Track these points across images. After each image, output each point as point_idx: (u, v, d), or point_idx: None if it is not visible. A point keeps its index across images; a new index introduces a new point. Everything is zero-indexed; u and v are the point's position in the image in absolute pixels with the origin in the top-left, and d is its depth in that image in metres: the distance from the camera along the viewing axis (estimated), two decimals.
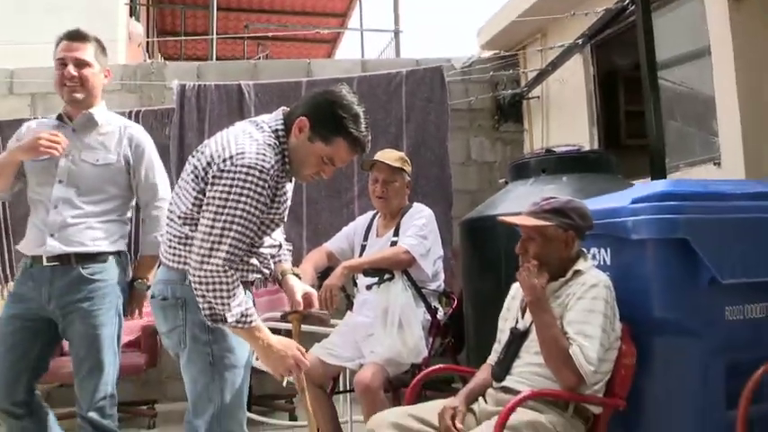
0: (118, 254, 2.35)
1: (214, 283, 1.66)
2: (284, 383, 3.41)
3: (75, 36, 2.32)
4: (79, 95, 2.31)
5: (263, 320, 1.86)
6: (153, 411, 4.06)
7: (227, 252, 1.66)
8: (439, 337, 2.94)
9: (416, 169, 3.11)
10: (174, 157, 3.73)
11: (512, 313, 2.18)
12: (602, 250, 2.24)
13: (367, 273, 2.75)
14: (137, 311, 2.48)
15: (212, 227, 1.67)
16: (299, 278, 2.08)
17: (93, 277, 2.25)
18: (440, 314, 2.94)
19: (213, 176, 1.69)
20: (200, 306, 1.69)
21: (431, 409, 2.02)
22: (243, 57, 8.32)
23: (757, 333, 2.10)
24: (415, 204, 3.04)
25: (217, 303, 1.67)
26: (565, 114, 4.61)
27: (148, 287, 2.43)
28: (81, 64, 2.30)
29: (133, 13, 7.15)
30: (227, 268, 1.67)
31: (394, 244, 2.89)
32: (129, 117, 3.94)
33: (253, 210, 1.68)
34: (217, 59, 6.34)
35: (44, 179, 2.28)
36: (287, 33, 8.31)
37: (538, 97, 4.82)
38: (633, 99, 4.88)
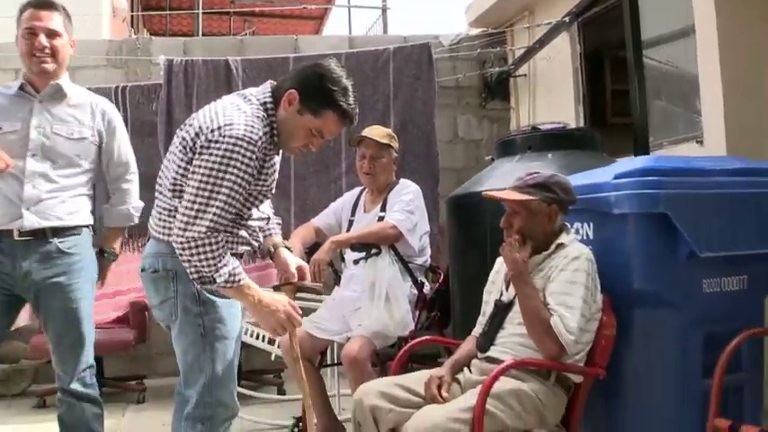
0: (90, 227, 2.37)
1: (197, 246, 1.66)
2: (273, 357, 3.49)
3: (44, 4, 2.25)
4: (50, 66, 2.25)
5: None
6: (142, 386, 4.10)
7: (211, 220, 1.67)
8: (425, 310, 2.99)
9: (403, 146, 3.13)
10: (161, 132, 3.73)
11: (496, 286, 2.23)
12: (585, 225, 2.29)
13: (354, 247, 2.79)
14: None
15: (197, 195, 1.67)
16: (291, 251, 2.10)
17: (70, 251, 2.26)
18: (426, 288, 2.98)
19: (201, 146, 1.70)
20: (188, 271, 1.70)
21: (417, 378, 2.07)
22: (229, 33, 8.25)
23: (733, 305, 2.17)
24: (402, 180, 3.07)
25: (203, 267, 1.68)
26: (551, 92, 4.64)
27: (116, 257, 2.52)
28: (52, 34, 2.24)
29: None
30: (209, 234, 1.67)
31: (381, 219, 2.92)
32: (116, 93, 3.94)
33: (239, 180, 1.69)
34: (203, 36, 6.29)
35: (15, 152, 2.22)
36: (273, 9, 8.23)
37: (525, 75, 4.84)
38: (619, 78, 4.91)
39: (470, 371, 2.11)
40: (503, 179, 3.21)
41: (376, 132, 2.98)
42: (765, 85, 3.29)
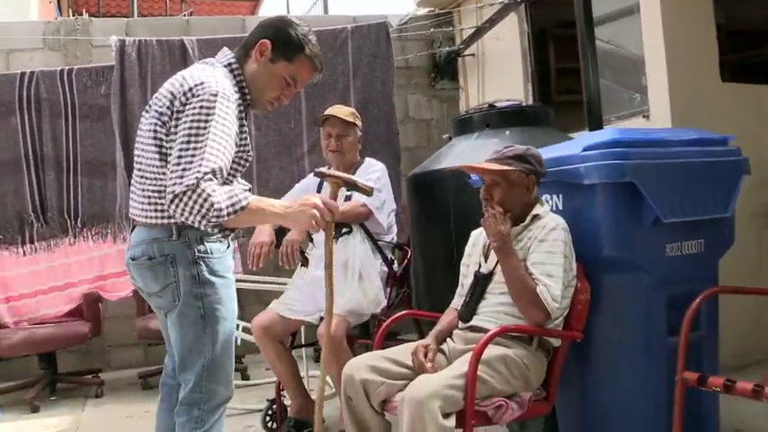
0: None
1: (198, 188, 1.58)
2: (238, 341, 3.46)
3: None
4: None
5: None
6: (99, 380, 3.99)
7: (205, 165, 1.61)
8: (395, 287, 3.04)
9: (365, 125, 3.15)
10: (116, 114, 3.59)
11: (473, 258, 2.29)
12: (555, 196, 2.38)
13: None
14: None
15: (187, 145, 1.62)
16: None
17: None
18: (395, 266, 3.02)
19: (177, 111, 1.68)
20: (193, 221, 1.62)
21: (403, 351, 2.12)
22: (165, 14, 7.96)
23: (692, 267, 2.31)
24: (367, 159, 3.09)
25: (206, 205, 1.59)
26: (499, 71, 4.74)
27: None
28: None
29: None
30: (208, 176, 1.60)
31: (348, 198, 2.93)
32: (61, 76, 3.76)
33: (225, 128, 1.67)
34: (138, 17, 6.06)
35: None
36: None
37: (473, 55, 4.92)
38: (562, 57, 5.08)
39: (453, 341, 2.17)
40: (462, 156, 3.28)
41: (341, 111, 2.98)
42: (705, 61, 3.49)
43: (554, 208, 2.38)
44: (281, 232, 2.87)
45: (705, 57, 3.48)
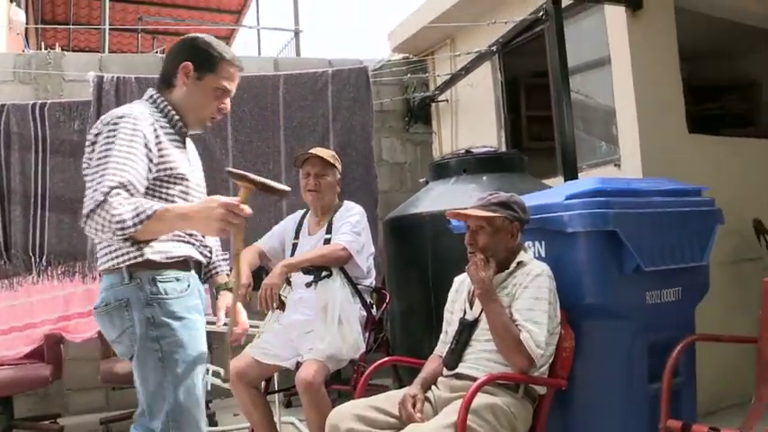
0: None
1: (104, 203, 1.58)
2: (208, 387, 3.35)
3: None
4: None
5: None
6: (58, 426, 3.79)
7: (112, 180, 1.61)
8: (374, 331, 3.00)
9: (343, 169, 3.15)
10: None
11: (458, 305, 2.29)
12: (537, 243, 2.41)
13: (306, 270, 2.76)
14: None
15: (96, 171, 1.64)
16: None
17: None
18: (373, 310, 2.99)
19: (92, 142, 1.72)
20: (103, 238, 1.61)
21: (387, 399, 2.08)
22: (137, 51, 7.92)
23: (671, 314, 2.36)
24: (346, 202, 3.08)
25: (112, 219, 1.57)
26: (472, 118, 4.83)
27: None
28: None
29: None
30: (114, 191, 1.60)
31: (327, 242, 2.91)
32: (33, 110, 3.68)
33: (134, 145, 1.68)
34: (110, 53, 6.02)
35: None
36: (179, 28, 8.00)
37: (446, 100, 5.01)
38: (533, 105, 5.22)
39: (438, 388, 2.14)
40: (440, 201, 3.31)
41: (321, 152, 2.99)
42: (673, 113, 3.62)
43: (536, 255, 2.40)
44: (258, 275, 2.83)
45: (673, 109, 3.61)
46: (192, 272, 1.84)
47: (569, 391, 2.22)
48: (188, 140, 1.96)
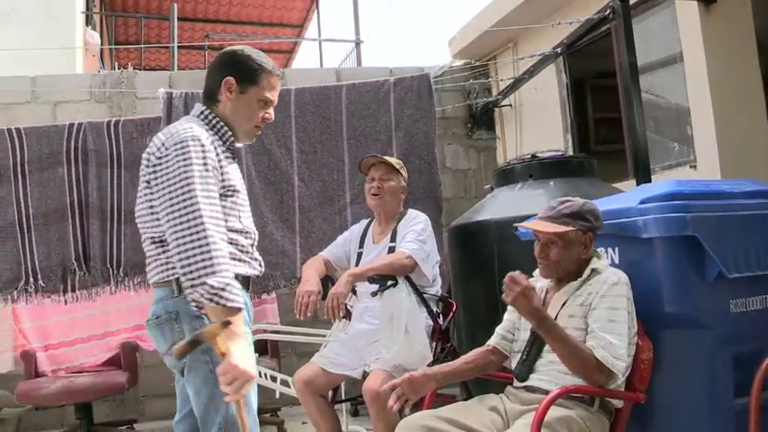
0: None
1: (194, 237, 1.59)
2: (277, 395, 3.39)
3: None
4: None
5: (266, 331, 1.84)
6: (134, 431, 3.92)
7: (204, 210, 1.62)
8: (440, 341, 2.96)
9: (408, 176, 3.14)
10: None
11: None
12: (610, 249, 2.31)
13: (372, 279, 2.75)
14: None
15: (173, 201, 1.63)
16: None
17: None
18: (440, 319, 2.95)
19: (154, 167, 1.72)
20: (186, 280, 1.59)
21: (456, 409, 2.04)
22: (204, 67, 8.18)
23: (758, 324, 2.20)
24: (410, 210, 3.07)
25: (198, 262, 1.58)
26: (537, 122, 4.73)
27: None
28: None
29: (89, 21, 6.94)
30: (209, 225, 1.61)
31: (392, 250, 2.90)
32: (108, 127, 3.84)
33: (205, 173, 1.68)
34: (179, 70, 6.23)
35: None
36: (251, 42, 8.22)
37: (510, 105, 4.93)
38: (600, 107, 5.07)
39: (509, 399, 2.08)
40: (506, 207, 3.25)
41: (386, 158, 2.99)
42: (752, 109, 3.44)
43: (610, 261, 2.31)
44: (325, 285, 2.84)
45: (752, 105, 3.43)
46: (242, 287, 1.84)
47: (648, 405, 2.11)
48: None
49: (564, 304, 2.07)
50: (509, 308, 2.28)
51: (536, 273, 2.23)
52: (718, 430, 2.12)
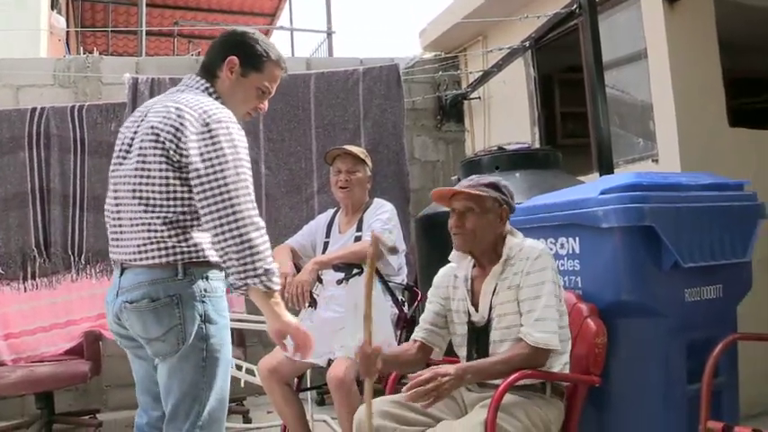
0: None
1: (257, 231, 1.65)
2: (242, 384, 3.38)
3: None
4: None
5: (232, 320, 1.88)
6: (97, 421, 3.88)
7: (251, 197, 1.67)
8: (405, 329, 2.98)
9: (374, 166, 3.15)
10: None
11: (457, 304, 2.17)
12: (571, 239, 2.36)
13: (337, 267, 2.75)
14: None
15: (224, 183, 1.64)
16: None
17: None
18: (405, 307, 2.98)
19: (190, 141, 1.65)
20: (232, 268, 1.64)
21: None
22: (173, 54, 8.07)
23: (711, 312, 2.28)
24: (376, 199, 3.07)
25: (259, 257, 1.64)
26: (505, 115, 4.78)
27: None
28: None
29: (55, 5, 6.78)
30: (255, 212, 1.67)
31: (358, 239, 2.91)
32: (72, 112, 3.77)
33: (246, 159, 1.71)
34: (146, 57, 6.13)
35: None
36: (215, 30, 8.12)
37: (479, 98, 4.97)
38: (567, 101, 5.14)
39: (467, 388, 2.09)
40: None
41: (351, 148, 2.99)
42: (713, 106, 3.52)
43: (570, 251, 2.36)
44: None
45: (713, 102, 3.51)
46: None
47: (604, 390, 2.16)
48: None
49: (494, 292, 2.04)
50: (430, 297, 2.26)
51: (453, 257, 2.20)
52: (672, 415, 2.18)
